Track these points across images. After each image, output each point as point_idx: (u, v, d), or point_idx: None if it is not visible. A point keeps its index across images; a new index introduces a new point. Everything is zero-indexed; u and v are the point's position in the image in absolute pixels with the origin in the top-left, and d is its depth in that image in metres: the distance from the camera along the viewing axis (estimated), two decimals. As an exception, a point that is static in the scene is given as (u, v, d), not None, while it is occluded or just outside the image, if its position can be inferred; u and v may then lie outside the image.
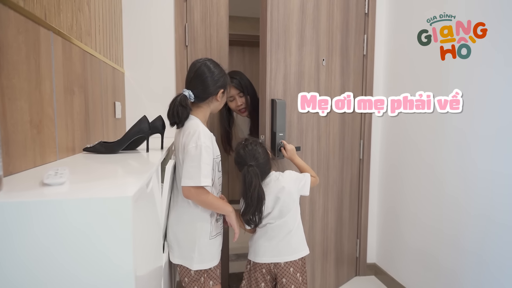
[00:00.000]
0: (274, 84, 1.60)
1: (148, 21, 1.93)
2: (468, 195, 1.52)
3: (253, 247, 1.40)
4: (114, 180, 0.82)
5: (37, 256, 0.58)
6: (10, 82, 0.77)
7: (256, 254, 1.38)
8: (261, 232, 1.38)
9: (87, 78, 1.29)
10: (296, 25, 1.67)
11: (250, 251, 1.42)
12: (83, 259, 0.60)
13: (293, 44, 1.66)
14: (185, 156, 1.20)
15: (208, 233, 1.28)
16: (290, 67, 1.66)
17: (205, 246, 1.27)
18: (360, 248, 2.24)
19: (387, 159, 2.16)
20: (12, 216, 0.56)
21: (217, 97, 1.32)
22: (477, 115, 1.47)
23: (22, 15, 0.82)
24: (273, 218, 1.36)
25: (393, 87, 2.09)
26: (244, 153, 1.32)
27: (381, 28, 2.16)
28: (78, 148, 1.19)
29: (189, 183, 1.17)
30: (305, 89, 1.75)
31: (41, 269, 0.58)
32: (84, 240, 0.60)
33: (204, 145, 1.19)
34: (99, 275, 0.61)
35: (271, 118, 1.58)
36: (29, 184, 0.69)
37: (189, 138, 1.20)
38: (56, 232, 0.58)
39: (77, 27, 1.20)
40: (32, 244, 0.57)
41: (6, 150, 0.75)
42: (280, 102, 1.57)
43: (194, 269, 1.27)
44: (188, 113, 1.25)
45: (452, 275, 1.60)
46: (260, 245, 1.37)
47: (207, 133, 1.25)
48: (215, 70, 1.30)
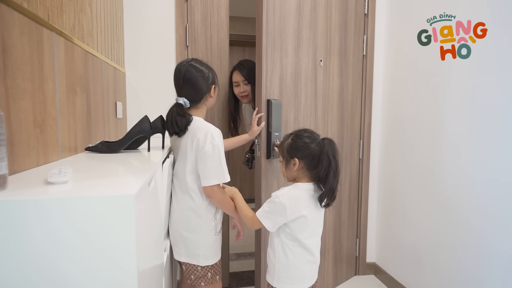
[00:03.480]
0: (270, 84, 1.61)
1: (149, 21, 1.94)
2: (466, 195, 1.53)
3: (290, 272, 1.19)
4: (117, 179, 0.83)
5: (41, 253, 0.59)
6: (14, 82, 0.78)
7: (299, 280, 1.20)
8: (301, 248, 1.18)
9: (89, 78, 1.30)
10: (292, 27, 1.68)
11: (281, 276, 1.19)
12: (86, 256, 0.61)
13: (289, 45, 1.68)
14: (203, 157, 1.22)
15: (213, 230, 1.31)
16: (287, 68, 1.68)
17: (212, 243, 1.31)
18: (360, 247, 2.25)
19: (386, 159, 2.17)
20: (17, 214, 0.57)
21: (211, 93, 1.34)
22: (476, 115, 1.48)
23: (25, 16, 0.83)
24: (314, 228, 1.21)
25: (393, 88, 2.10)
26: (309, 133, 1.20)
27: (381, 28, 2.17)
28: (80, 148, 1.20)
29: (214, 182, 1.22)
30: (302, 89, 1.76)
31: (45, 266, 0.59)
32: (87, 237, 0.61)
33: (220, 143, 1.24)
34: (102, 273, 0.62)
35: (266, 118, 1.60)
36: (33, 183, 0.70)
37: (203, 139, 1.22)
38: (60, 230, 0.59)
39: (79, 28, 1.22)
40: (36, 242, 0.58)
41: (10, 150, 0.76)
42: (275, 102, 1.58)
43: (202, 265, 1.30)
44: (188, 120, 1.26)
45: (451, 274, 1.61)
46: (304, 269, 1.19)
47: (217, 130, 1.28)
48: (203, 68, 1.31)
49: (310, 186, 1.17)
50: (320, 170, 1.14)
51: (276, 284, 1.20)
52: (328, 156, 1.13)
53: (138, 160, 1.12)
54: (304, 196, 1.16)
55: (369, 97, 2.18)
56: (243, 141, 1.63)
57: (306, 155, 1.16)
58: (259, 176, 1.61)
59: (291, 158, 1.19)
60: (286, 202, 1.13)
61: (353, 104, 2.11)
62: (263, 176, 1.60)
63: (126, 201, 0.62)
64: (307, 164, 1.17)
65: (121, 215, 0.62)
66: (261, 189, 1.60)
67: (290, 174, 1.22)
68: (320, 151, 1.14)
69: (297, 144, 1.17)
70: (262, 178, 1.60)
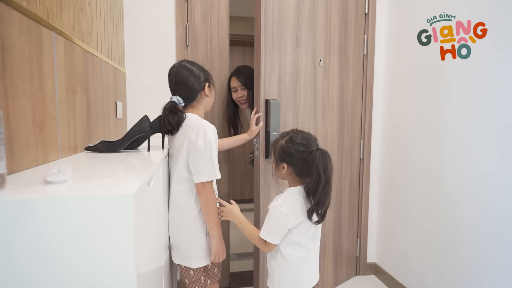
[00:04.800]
0: (269, 84, 1.62)
1: (149, 21, 1.94)
2: (467, 195, 1.52)
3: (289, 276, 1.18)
4: (116, 179, 0.83)
5: (39, 253, 0.58)
6: (14, 81, 0.78)
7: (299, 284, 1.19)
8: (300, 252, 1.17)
9: (88, 78, 1.29)
10: (291, 27, 1.69)
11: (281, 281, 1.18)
12: (85, 256, 0.61)
13: (288, 45, 1.68)
14: (195, 153, 1.20)
15: (204, 231, 1.29)
16: (285, 68, 1.68)
17: (202, 244, 1.29)
18: (360, 247, 2.25)
19: (387, 159, 2.16)
20: (16, 213, 0.57)
21: (205, 91, 1.33)
22: (476, 115, 1.48)
23: (25, 15, 0.83)
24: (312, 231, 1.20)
25: (394, 87, 2.09)
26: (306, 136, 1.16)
27: (381, 28, 2.17)
28: (80, 147, 1.20)
29: (205, 178, 1.20)
30: (301, 89, 1.76)
31: (43, 266, 0.59)
32: (86, 237, 0.60)
33: (213, 139, 1.22)
34: (100, 273, 0.62)
35: (265, 118, 1.60)
36: (32, 182, 0.70)
37: (195, 135, 1.21)
38: (58, 229, 0.59)
39: (79, 27, 1.21)
40: (34, 241, 0.58)
41: (9, 149, 0.75)
42: (274, 102, 1.59)
43: (194, 267, 1.28)
44: (180, 119, 1.25)
45: (452, 274, 1.61)
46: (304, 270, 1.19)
47: (211, 126, 1.27)
48: (193, 68, 1.31)
49: (301, 189, 1.16)
50: (310, 181, 1.11)
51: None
52: (318, 169, 1.09)
53: (137, 159, 1.12)
54: (300, 200, 1.15)
55: (370, 96, 2.17)
56: (242, 140, 1.63)
57: (296, 164, 1.14)
58: (257, 175, 1.61)
59: (281, 161, 1.17)
60: (285, 211, 1.12)
61: (354, 103, 2.11)
62: (261, 176, 1.60)
63: (125, 200, 0.61)
64: (296, 171, 1.15)
65: (120, 214, 0.61)
66: (259, 188, 1.60)
67: (279, 175, 1.22)
68: (311, 163, 1.10)
69: (289, 149, 1.14)
70: (261, 177, 1.60)
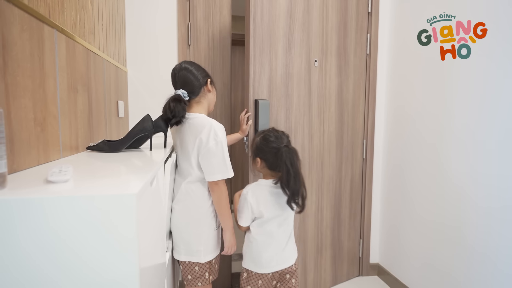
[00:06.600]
0: (258, 85, 1.68)
1: (151, 20, 1.93)
2: (472, 196, 1.51)
3: (254, 255, 1.32)
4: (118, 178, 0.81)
5: (41, 252, 0.58)
6: (15, 79, 0.77)
7: (260, 264, 1.31)
8: (263, 237, 1.31)
9: (90, 76, 1.29)
10: (283, 30, 1.74)
11: (247, 258, 1.34)
12: (87, 256, 0.60)
13: (279, 47, 1.74)
14: (207, 154, 1.24)
15: (213, 225, 1.33)
16: (276, 70, 1.74)
17: (211, 238, 1.33)
18: (363, 248, 2.24)
19: (390, 159, 2.15)
20: (17, 213, 0.56)
21: (208, 87, 1.36)
22: (477, 115, 1.46)
23: (26, 12, 0.82)
24: (279, 221, 1.31)
25: (397, 87, 2.08)
26: (278, 134, 1.30)
27: (384, 27, 2.16)
28: (82, 147, 1.19)
29: (218, 177, 1.25)
30: (294, 89, 1.81)
31: (45, 266, 0.58)
32: (88, 237, 0.59)
33: (223, 139, 1.26)
34: (103, 272, 0.61)
35: (254, 117, 1.68)
36: (33, 182, 0.69)
37: (206, 136, 1.24)
38: (60, 229, 0.58)
39: (80, 26, 1.20)
40: (36, 241, 0.57)
41: (10, 148, 0.74)
42: (262, 102, 1.66)
43: (203, 261, 1.31)
44: (184, 108, 1.25)
45: (457, 275, 1.59)
46: (265, 254, 1.31)
47: (220, 126, 1.28)
48: (194, 66, 1.36)
49: (270, 182, 1.30)
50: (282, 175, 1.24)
51: (244, 265, 1.35)
52: (286, 164, 1.23)
53: (140, 159, 1.11)
54: (265, 192, 1.30)
55: (373, 96, 2.16)
56: (236, 139, 1.68)
57: (268, 158, 1.29)
58: (248, 171, 1.72)
59: (255, 156, 1.33)
60: (250, 199, 1.29)
61: (355, 103, 2.10)
62: (251, 172, 1.68)
63: (127, 200, 0.61)
64: (267, 165, 1.30)
65: (123, 214, 0.61)
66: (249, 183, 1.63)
67: (255, 168, 1.36)
68: (280, 158, 1.24)
69: (262, 146, 1.30)
70: (250, 173, 1.70)
